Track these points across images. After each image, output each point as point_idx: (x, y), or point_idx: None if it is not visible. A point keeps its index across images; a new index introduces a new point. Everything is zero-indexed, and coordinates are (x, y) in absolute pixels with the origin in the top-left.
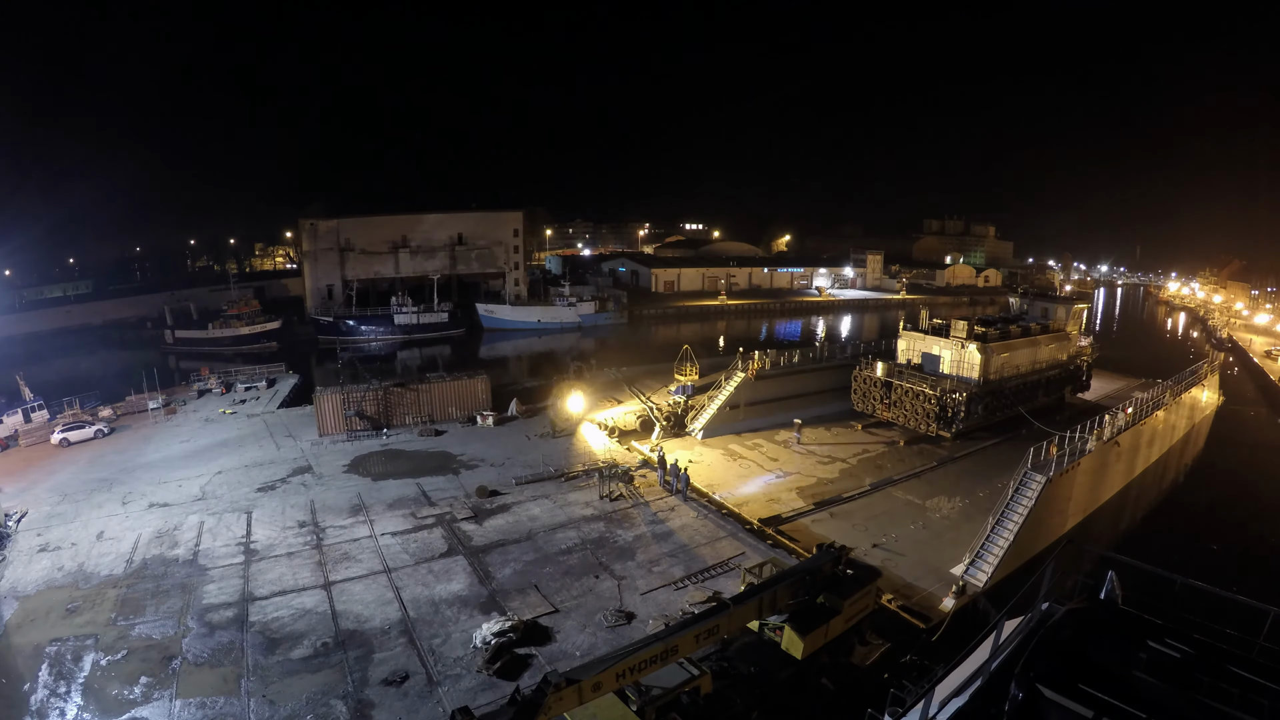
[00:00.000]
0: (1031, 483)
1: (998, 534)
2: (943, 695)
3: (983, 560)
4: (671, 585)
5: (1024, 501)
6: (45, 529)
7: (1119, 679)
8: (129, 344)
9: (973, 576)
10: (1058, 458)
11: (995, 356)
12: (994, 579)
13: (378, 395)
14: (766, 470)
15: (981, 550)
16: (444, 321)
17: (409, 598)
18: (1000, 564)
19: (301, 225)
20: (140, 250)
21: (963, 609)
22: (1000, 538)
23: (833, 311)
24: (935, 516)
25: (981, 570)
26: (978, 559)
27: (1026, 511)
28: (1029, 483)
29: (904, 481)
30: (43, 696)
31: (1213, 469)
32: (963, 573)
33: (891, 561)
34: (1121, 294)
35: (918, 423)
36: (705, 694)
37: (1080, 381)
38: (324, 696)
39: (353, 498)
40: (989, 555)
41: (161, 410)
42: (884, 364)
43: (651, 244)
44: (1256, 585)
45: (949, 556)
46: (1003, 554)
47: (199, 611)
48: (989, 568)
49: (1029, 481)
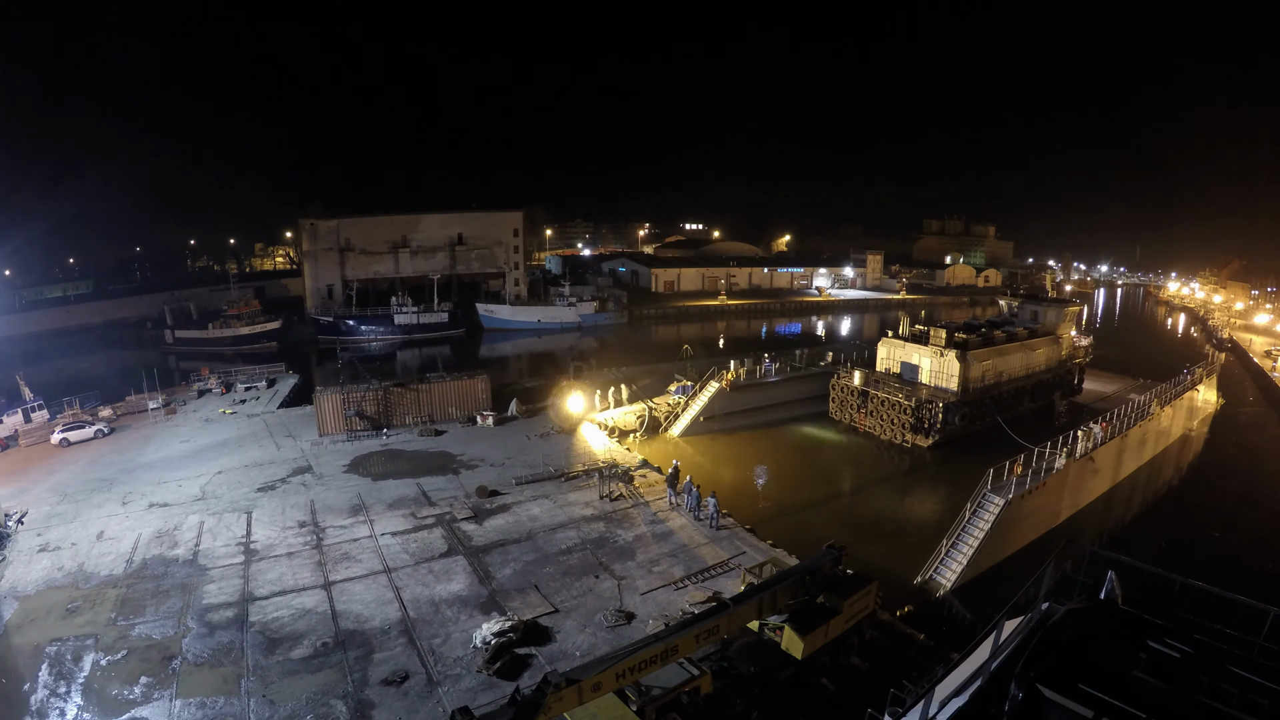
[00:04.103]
0: (989, 505)
1: (952, 556)
2: (943, 695)
3: (939, 577)
4: (671, 585)
5: (980, 524)
6: (45, 529)
7: (1119, 679)
8: (129, 344)
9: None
10: (1020, 477)
11: (976, 364)
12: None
13: (378, 395)
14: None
15: (939, 568)
16: (444, 321)
17: (409, 598)
18: (956, 580)
19: (301, 225)
20: (140, 250)
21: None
22: (954, 560)
23: (832, 312)
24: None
25: (939, 584)
26: (934, 575)
27: (983, 535)
28: (986, 505)
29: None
30: (43, 696)
31: (1212, 469)
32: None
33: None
34: (1121, 294)
35: (894, 433)
36: (705, 694)
37: (1070, 386)
38: (324, 696)
39: (353, 498)
40: (945, 571)
41: (161, 410)
42: (861, 373)
43: (651, 244)
44: (1256, 585)
45: (915, 566)
46: (958, 573)
47: (199, 611)
48: (946, 584)
49: (986, 504)
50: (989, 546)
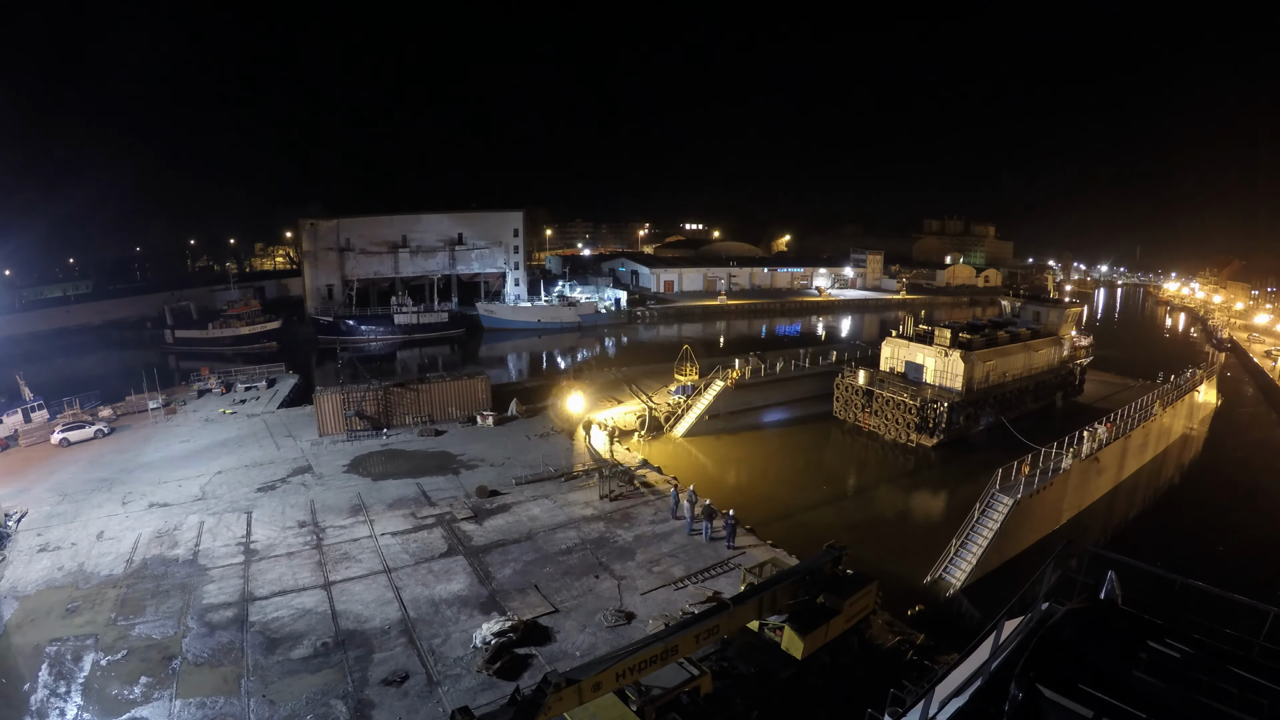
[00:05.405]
0: (998, 504)
1: (962, 555)
2: (943, 695)
3: (949, 576)
4: (671, 585)
5: (989, 524)
6: (45, 529)
7: (1119, 679)
8: (129, 344)
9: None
10: (1028, 477)
11: (980, 364)
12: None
13: (378, 395)
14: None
15: (948, 567)
16: (444, 321)
17: (409, 598)
18: (966, 579)
19: (301, 225)
20: (140, 250)
21: (958, 610)
22: (964, 560)
23: (832, 312)
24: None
25: (949, 583)
26: (944, 574)
27: (992, 534)
28: (995, 504)
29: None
30: (43, 696)
31: (1212, 469)
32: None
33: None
34: (1121, 294)
35: (898, 432)
36: (705, 694)
37: (1072, 386)
38: (324, 696)
39: (353, 498)
40: (955, 570)
41: (161, 410)
42: (866, 372)
43: (651, 244)
44: (1256, 585)
45: (923, 566)
46: (968, 572)
47: (199, 611)
48: (955, 583)
49: (995, 503)
50: (997, 546)
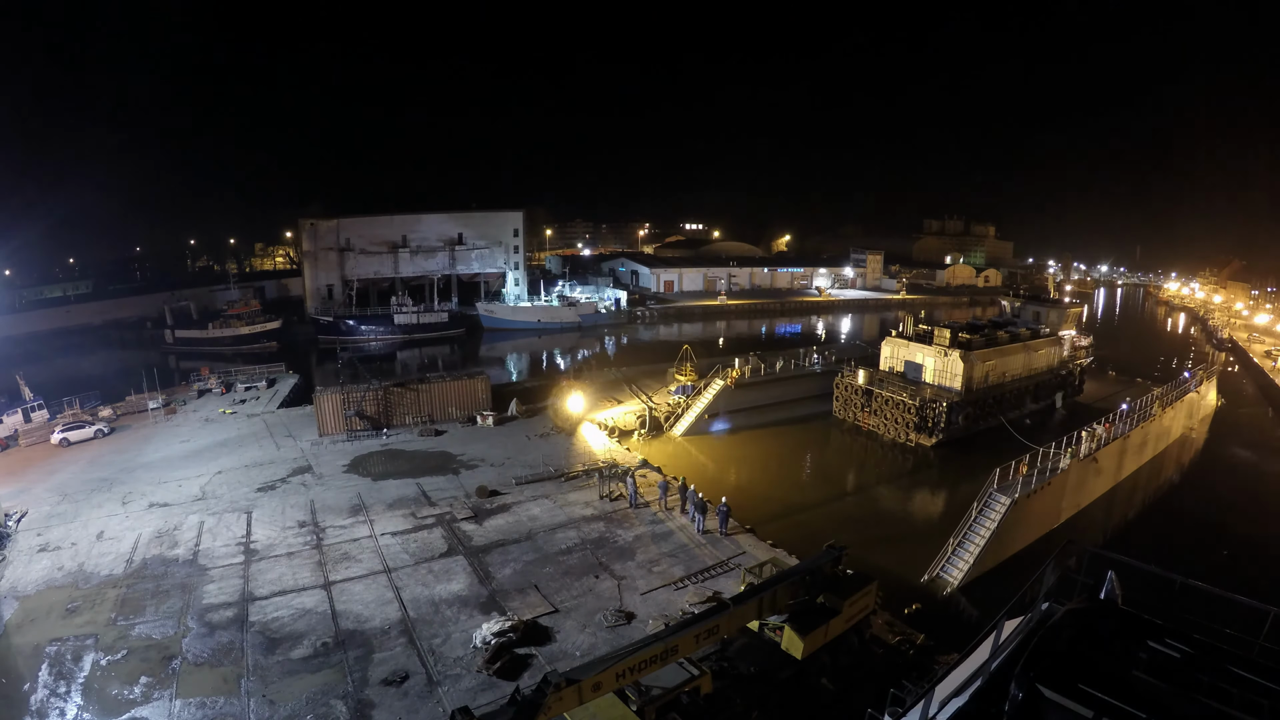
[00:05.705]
0: (996, 504)
1: (959, 554)
2: (943, 695)
3: (946, 574)
4: (671, 585)
5: (987, 523)
6: (45, 529)
7: (1119, 679)
8: (129, 344)
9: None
10: (1026, 476)
11: (979, 364)
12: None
13: (378, 395)
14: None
15: (946, 565)
16: (444, 321)
17: (409, 598)
18: (963, 578)
19: (301, 225)
20: (140, 250)
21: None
22: (961, 559)
23: (832, 311)
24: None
25: (946, 581)
26: (941, 573)
27: (989, 533)
28: (993, 503)
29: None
30: (43, 696)
31: (1212, 469)
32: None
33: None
34: (1121, 294)
35: (897, 432)
36: (705, 694)
37: (1072, 386)
38: (324, 696)
39: (353, 498)
40: (952, 569)
41: (161, 410)
42: (865, 371)
43: (651, 244)
44: (1256, 585)
45: (922, 566)
46: (965, 570)
47: (199, 611)
48: (953, 581)
49: (993, 502)
50: (994, 545)
